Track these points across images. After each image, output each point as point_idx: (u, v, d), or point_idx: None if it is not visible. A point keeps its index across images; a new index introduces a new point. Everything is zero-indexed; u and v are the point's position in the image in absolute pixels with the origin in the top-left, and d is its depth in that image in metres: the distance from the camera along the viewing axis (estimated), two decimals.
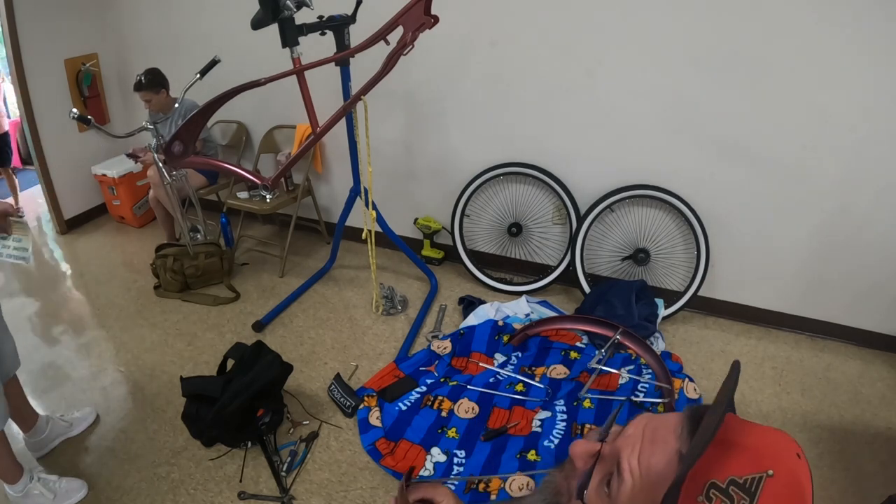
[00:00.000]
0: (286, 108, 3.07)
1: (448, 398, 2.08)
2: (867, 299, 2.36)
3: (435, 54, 2.53)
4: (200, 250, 2.82)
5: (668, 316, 2.54)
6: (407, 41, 1.77)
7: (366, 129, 2.18)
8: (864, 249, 2.28)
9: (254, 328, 2.53)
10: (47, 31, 3.12)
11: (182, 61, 2.97)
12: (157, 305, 2.75)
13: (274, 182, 2.24)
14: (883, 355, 2.40)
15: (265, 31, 2.01)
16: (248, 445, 1.91)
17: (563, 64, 2.42)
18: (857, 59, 2.00)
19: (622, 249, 2.68)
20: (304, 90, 2.09)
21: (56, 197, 3.42)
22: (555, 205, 2.72)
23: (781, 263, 2.43)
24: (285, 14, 1.95)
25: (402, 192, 3.03)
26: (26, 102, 3.13)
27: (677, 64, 2.24)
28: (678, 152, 2.40)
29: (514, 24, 2.43)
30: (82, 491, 1.74)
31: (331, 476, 1.82)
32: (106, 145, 3.54)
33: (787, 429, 1.99)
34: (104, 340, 2.51)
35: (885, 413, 2.10)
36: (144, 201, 3.50)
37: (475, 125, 2.72)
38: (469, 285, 2.87)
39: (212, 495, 1.76)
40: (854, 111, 2.08)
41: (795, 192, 2.28)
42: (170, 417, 2.05)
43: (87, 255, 3.29)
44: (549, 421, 1.93)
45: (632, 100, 2.38)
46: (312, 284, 2.88)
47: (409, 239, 3.07)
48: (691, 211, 2.43)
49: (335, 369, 2.24)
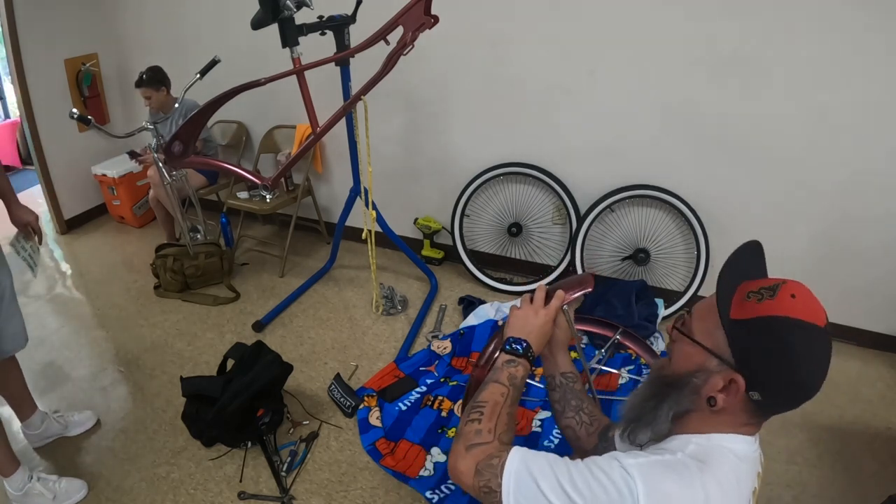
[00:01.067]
0: (286, 108, 3.07)
1: (448, 398, 2.08)
2: (867, 299, 2.36)
3: (435, 54, 2.52)
4: (200, 250, 2.82)
5: (668, 316, 2.54)
6: (407, 41, 1.77)
7: (366, 129, 2.18)
8: (864, 249, 2.28)
9: (254, 328, 2.53)
10: (47, 31, 3.12)
11: (182, 61, 2.97)
12: (157, 305, 2.75)
13: (274, 182, 2.24)
14: (883, 355, 2.40)
15: (265, 31, 2.01)
16: (248, 445, 1.91)
17: (563, 64, 2.42)
18: (857, 59, 2.00)
19: (622, 249, 2.68)
20: (304, 90, 2.10)
21: (56, 197, 3.42)
22: (555, 205, 2.72)
23: (781, 263, 2.41)
24: (285, 14, 1.95)
25: (402, 192, 3.03)
26: (26, 102, 3.13)
27: (678, 64, 2.24)
28: (678, 152, 2.40)
29: (515, 24, 2.43)
30: (82, 492, 1.74)
31: (331, 476, 1.82)
32: (106, 145, 3.54)
33: (787, 429, 2.00)
34: (104, 340, 2.51)
35: (885, 413, 2.10)
36: (144, 201, 3.50)
37: (475, 125, 2.72)
38: (469, 285, 2.87)
39: (212, 495, 1.76)
40: (854, 111, 2.08)
41: (795, 192, 2.28)
42: (170, 417, 2.05)
43: (87, 255, 3.29)
44: (549, 421, 1.93)
45: (632, 100, 2.38)
46: (312, 284, 2.88)
47: (409, 239, 3.07)
48: (691, 211, 2.43)
49: (335, 369, 2.24)
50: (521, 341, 0.98)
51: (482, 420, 0.87)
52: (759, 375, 0.74)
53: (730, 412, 0.78)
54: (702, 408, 0.80)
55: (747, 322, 0.75)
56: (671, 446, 0.81)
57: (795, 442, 1.96)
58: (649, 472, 0.73)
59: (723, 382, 0.77)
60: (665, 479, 0.73)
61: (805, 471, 1.85)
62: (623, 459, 0.75)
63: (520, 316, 1.03)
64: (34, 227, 1.77)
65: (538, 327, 1.00)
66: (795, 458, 1.89)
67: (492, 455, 0.83)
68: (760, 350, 0.74)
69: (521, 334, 0.99)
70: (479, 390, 0.94)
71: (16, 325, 1.69)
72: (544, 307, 1.03)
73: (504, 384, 0.93)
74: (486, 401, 0.90)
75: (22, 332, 1.72)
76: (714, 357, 0.78)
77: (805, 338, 0.74)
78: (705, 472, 0.74)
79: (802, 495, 1.76)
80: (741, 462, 0.78)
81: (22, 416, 1.87)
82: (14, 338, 1.69)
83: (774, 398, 0.76)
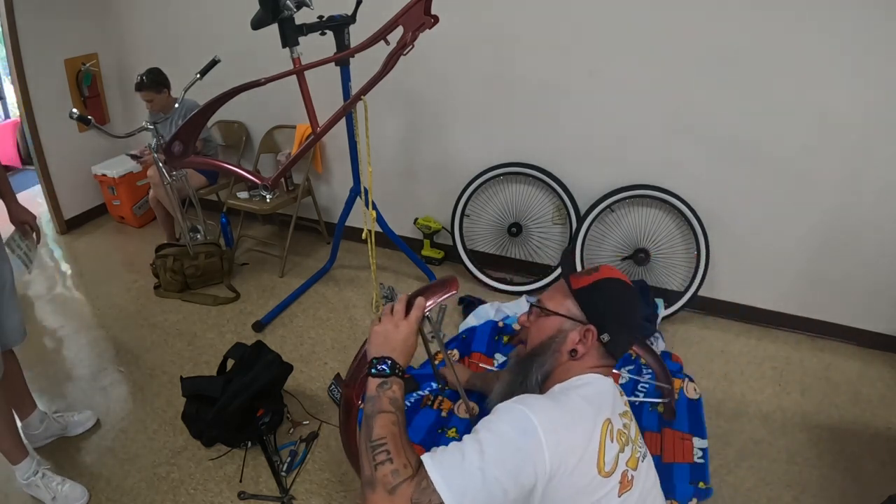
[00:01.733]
0: (286, 108, 3.07)
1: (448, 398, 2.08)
2: (867, 299, 2.36)
3: (435, 54, 2.52)
4: (200, 250, 2.82)
5: (668, 316, 2.54)
6: (407, 41, 1.77)
7: (366, 129, 2.18)
8: (864, 249, 2.28)
9: (254, 328, 2.53)
10: (47, 31, 3.12)
11: (182, 61, 2.97)
12: (157, 305, 2.75)
13: (274, 182, 2.24)
14: (883, 355, 2.40)
15: (265, 31, 2.01)
16: (248, 445, 1.91)
17: (563, 64, 2.42)
18: (857, 59, 2.00)
19: (622, 249, 2.68)
20: (304, 90, 2.09)
21: (56, 197, 3.42)
22: (555, 205, 2.72)
23: (781, 263, 2.43)
24: (285, 14, 1.95)
25: (402, 192, 3.03)
26: (26, 102, 3.13)
27: (678, 64, 2.24)
28: (678, 152, 2.40)
29: (515, 24, 2.43)
30: (82, 500, 1.72)
31: (331, 476, 1.82)
32: (106, 145, 3.54)
33: (787, 429, 2.00)
34: (104, 340, 2.51)
35: (885, 413, 2.10)
36: (144, 201, 3.50)
37: (475, 125, 2.72)
38: (469, 285, 2.87)
39: (212, 495, 1.76)
40: (854, 111, 2.08)
41: (795, 192, 2.29)
42: (170, 417, 2.05)
43: (87, 255, 3.29)
44: None
45: (632, 100, 2.38)
46: (312, 284, 2.88)
47: (409, 239, 3.07)
48: (691, 211, 2.42)
49: (335, 369, 2.24)
50: (385, 360, 0.96)
51: (393, 459, 0.85)
52: (604, 320, 1.04)
53: (588, 357, 1.04)
54: (563, 362, 1.05)
55: (586, 287, 1.07)
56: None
57: (795, 442, 1.96)
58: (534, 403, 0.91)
59: (579, 336, 1.04)
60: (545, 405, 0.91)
61: (805, 471, 1.85)
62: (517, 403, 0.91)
63: (380, 332, 1.00)
64: (32, 226, 1.78)
65: (401, 342, 0.98)
66: (795, 458, 1.89)
67: (418, 483, 0.83)
68: (600, 302, 1.05)
69: (385, 352, 0.97)
70: (366, 425, 0.91)
71: (15, 319, 1.70)
72: (405, 318, 1.01)
73: (390, 410, 0.92)
74: (384, 436, 0.88)
75: (21, 326, 1.73)
76: (568, 320, 1.06)
77: (623, 287, 1.08)
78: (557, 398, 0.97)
79: (802, 495, 1.76)
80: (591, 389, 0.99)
81: (21, 413, 1.86)
82: (13, 332, 1.70)
83: (616, 335, 1.04)
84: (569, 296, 1.07)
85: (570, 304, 1.06)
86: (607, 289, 1.06)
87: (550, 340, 1.06)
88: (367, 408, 0.93)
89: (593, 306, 1.05)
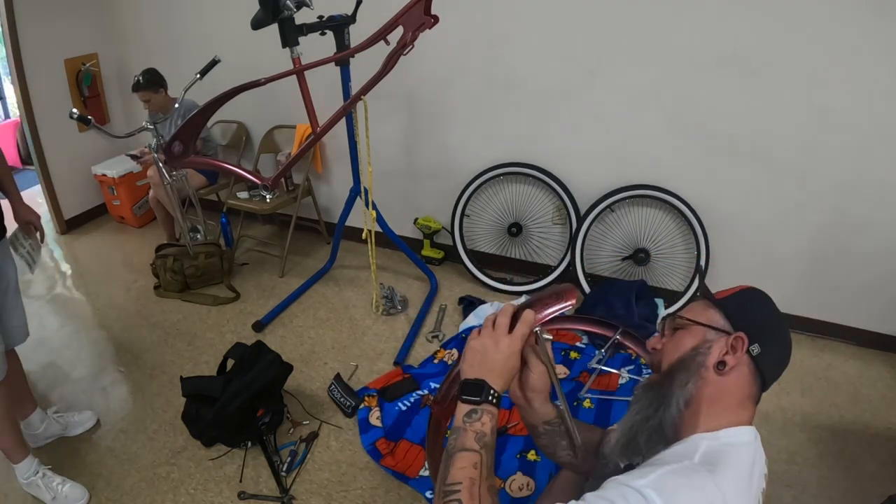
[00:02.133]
0: (286, 108, 3.07)
1: None
2: (867, 299, 2.36)
3: (435, 54, 2.52)
4: (200, 250, 2.82)
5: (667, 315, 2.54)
6: (407, 41, 1.77)
7: (366, 129, 2.18)
8: (864, 249, 2.28)
9: (254, 328, 2.53)
10: (47, 31, 3.11)
11: (182, 61, 2.97)
12: (157, 305, 2.75)
13: (274, 182, 2.24)
14: (883, 355, 2.39)
15: (265, 31, 2.01)
16: (248, 445, 1.91)
17: (563, 63, 2.42)
18: (857, 59, 2.00)
19: (622, 249, 2.68)
20: (304, 90, 2.09)
21: (56, 197, 3.42)
22: (555, 205, 2.72)
23: (781, 263, 2.43)
24: (285, 14, 1.95)
25: (402, 192, 3.03)
26: (26, 102, 3.13)
27: (677, 64, 2.24)
28: (678, 152, 2.40)
29: (515, 24, 2.43)
30: (82, 500, 1.72)
31: (331, 476, 1.82)
32: (106, 145, 3.54)
33: (787, 429, 2.00)
34: (104, 340, 2.51)
35: (885, 413, 2.10)
36: (144, 201, 3.50)
37: (475, 125, 2.72)
38: (469, 285, 2.87)
39: (212, 495, 1.76)
40: (854, 111, 2.08)
41: (795, 192, 2.28)
42: (170, 417, 2.05)
43: (87, 255, 3.29)
44: None
45: (632, 100, 2.38)
46: (312, 284, 2.88)
47: (409, 239, 3.07)
48: (691, 211, 2.42)
49: (335, 369, 2.24)
50: (479, 383, 0.82)
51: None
52: (753, 329, 0.84)
53: (737, 376, 0.83)
54: (709, 379, 0.83)
55: (731, 297, 0.90)
56: (677, 452, 0.79)
57: (795, 442, 1.96)
58: (663, 486, 0.69)
59: (726, 348, 0.83)
60: (680, 489, 0.70)
61: (805, 471, 1.85)
62: (632, 483, 0.70)
63: (476, 349, 0.85)
64: (36, 225, 1.78)
65: (500, 362, 0.83)
66: (795, 458, 1.89)
67: None
68: (748, 310, 0.88)
69: (480, 373, 0.83)
70: (445, 462, 0.79)
71: (19, 318, 1.71)
72: (508, 334, 0.85)
73: (473, 449, 0.78)
74: (460, 481, 0.75)
75: (24, 326, 1.75)
76: (712, 329, 0.86)
77: (770, 300, 0.92)
78: (717, 474, 0.72)
79: (802, 495, 1.76)
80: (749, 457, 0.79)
81: (22, 413, 1.86)
82: (17, 331, 1.71)
83: (768, 347, 0.84)
84: (711, 307, 0.89)
85: (714, 314, 0.88)
86: (755, 298, 0.91)
87: (694, 352, 0.85)
88: (451, 440, 0.81)
89: (741, 314, 0.87)
